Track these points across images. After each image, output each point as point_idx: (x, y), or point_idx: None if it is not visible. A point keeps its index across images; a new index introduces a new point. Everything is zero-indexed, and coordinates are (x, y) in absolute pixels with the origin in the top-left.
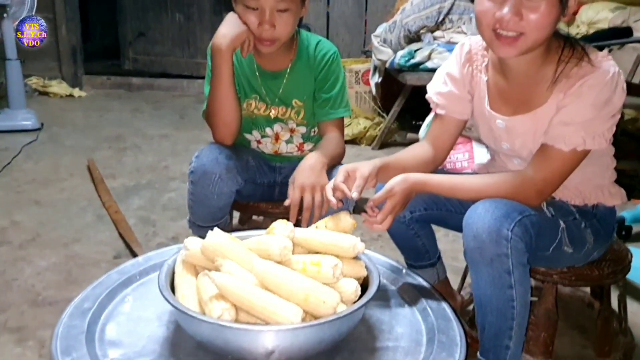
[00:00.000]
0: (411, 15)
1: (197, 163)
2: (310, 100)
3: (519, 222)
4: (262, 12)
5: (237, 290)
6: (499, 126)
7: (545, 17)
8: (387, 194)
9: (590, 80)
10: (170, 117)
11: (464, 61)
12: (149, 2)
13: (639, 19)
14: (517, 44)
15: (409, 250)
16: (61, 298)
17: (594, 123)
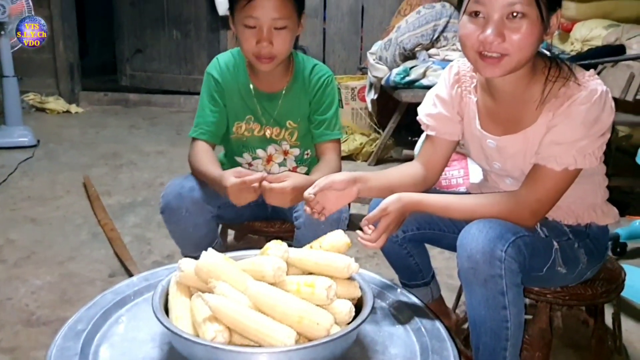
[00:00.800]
0: (406, 33)
1: (163, 202)
2: (304, 122)
3: (512, 243)
4: (260, 30)
5: (231, 312)
6: (490, 146)
7: (528, 37)
8: (382, 213)
9: (578, 99)
10: (166, 133)
11: (453, 82)
12: (146, 20)
13: (632, 37)
14: (501, 64)
15: (402, 270)
16: (55, 318)
17: (585, 142)
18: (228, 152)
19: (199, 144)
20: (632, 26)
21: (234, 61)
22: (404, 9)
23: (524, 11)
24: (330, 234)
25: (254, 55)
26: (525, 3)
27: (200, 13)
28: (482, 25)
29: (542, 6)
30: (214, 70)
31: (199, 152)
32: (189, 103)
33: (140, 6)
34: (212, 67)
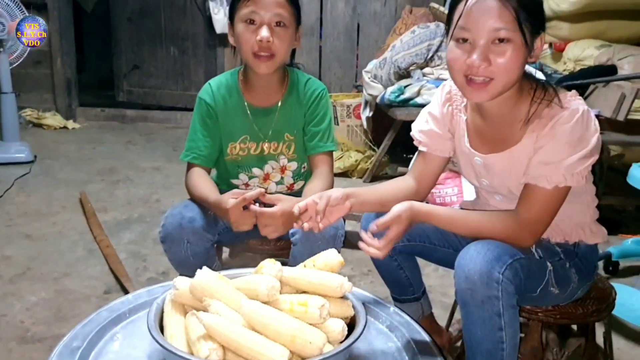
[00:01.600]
0: (401, 53)
1: (164, 232)
2: (301, 134)
3: (510, 265)
4: (260, 24)
5: (225, 330)
6: (477, 163)
7: (513, 60)
8: (395, 220)
9: (561, 119)
10: (162, 149)
11: (444, 101)
12: (144, 36)
13: (623, 57)
14: (488, 88)
15: (393, 283)
16: (50, 334)
17: (571, 160)
18: (223, 175)
19: (195, 168)
20: (624, 46)
21: (226, 83)
22: (399, 28)
23: (508, 36)
24: (324, 253)
25: (253, 54)
26: (510, 29)
27: (198, 30)
28: (469, 50)
29: (526, 31)
30: (206, 95)
31: (195, 177)
32: (185, 119)
33: (137, 23)
34: (204, 92)
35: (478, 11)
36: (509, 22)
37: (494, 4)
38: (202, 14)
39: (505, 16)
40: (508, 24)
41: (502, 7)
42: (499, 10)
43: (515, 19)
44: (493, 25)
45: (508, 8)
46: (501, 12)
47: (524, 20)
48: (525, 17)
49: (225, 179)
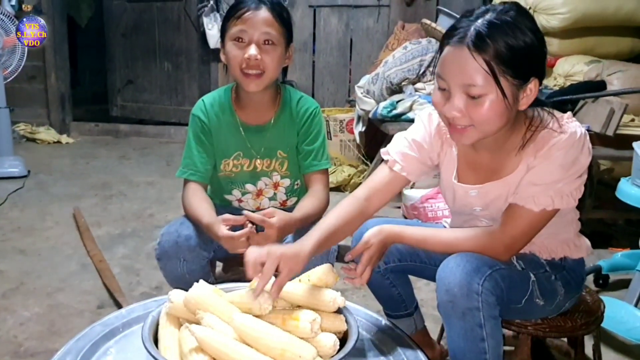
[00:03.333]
0: (393, 68)
1: (160, 250)
2: (293, 152)
3: (489, 276)
4: (249, 42)
5: (216, 343)
6: (471, 195)
7: (490, 113)
8: (364, 246)
9: (559, 143)
10: (156, 164)
11: (435, 134)
12: (138, 51)
13: (612, 73)
14: (468, 134)
15: (385, 300)
16: (44, 349)
17: (562, 183)
18: (216, 190)
19: (192, 185)
20: (613, 62)
21: (219, 99)
22: (392, 44)
23: (481, 93)
24: (319, 268)
25: (242, 71)
26: (483, 86)
27: (192, 45)
28: (447, 97)
29: (505, 84)
30: (199, 111)
31: (192, 195)
32: (179, 134)
33: (131, 38)
34: (197, 109)
35: (451, 63)
36: (482, 79)
37: (466, 58)
38: (196, 29)
39: (479, 73)
40: (481, 80)
41: (475, 62)
42: (471, 65)
43: (489, 74)
44: (464, 81)
45: (481, 63)
46: (475, 68)
47: (502, 74)
48: (503, 70)
49: (219, 194)
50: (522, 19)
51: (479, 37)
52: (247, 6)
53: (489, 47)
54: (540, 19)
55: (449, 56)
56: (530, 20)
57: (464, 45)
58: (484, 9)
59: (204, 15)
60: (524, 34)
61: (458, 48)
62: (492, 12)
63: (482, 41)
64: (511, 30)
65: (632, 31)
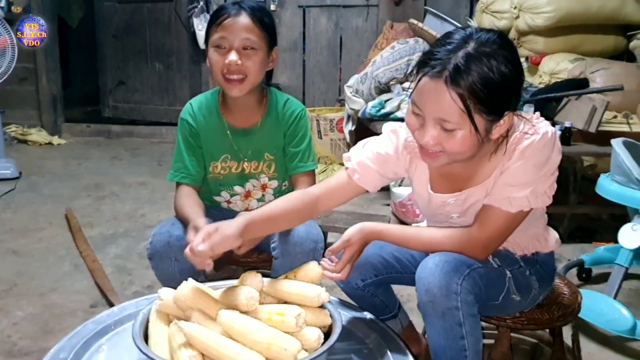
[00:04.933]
0: (381, 68)
1: (151, 249)
2: (281, 154)
3: (467, 275)
4: (229, 49)
5: (204, 339)
6: (450, 203)
7: (462, 145)
8: (345, 244)
9: (532, 144)
10: (148, 164)
11: (402, 149)
12: (129, 52)
13: (595, 71)
14: (439, 159)
15: (369, 308)
16: (37, 348)
17: (537, 183)
18: (205, 192)
19: (184, 188)
20: (596, 60)
21: (206, 102)
22: (381, 43)
23: (455, 127)
24: (305, 265)
25: (224, 77)
26: (456, 121)
27: (182, 45)
28: (421, 124)
29: (479, 119)
30: (187, 115)
31: (184, 198)
32: (170, 134)
33: (123, 39)
34: (185, 112)
35: (427, 95)
36: (456, 114)
37: (443, 93)
38: (187, 30)
39: (453, 108)
40: (455, 115)
41: (450, 99)
42: (447, 101)
43: (463, 111)
44: (438, 114)
45: (456, 100)
46: (449, 104)
47: (476, 110)
48: (477, 107)
49: (208, 196)
50: (502, 52)
51: (457, 72)
52: (227, 13)
53: (465, 84)
54: (525, 18)
55: (426, 87)
56: (512, 51)
57: (442, 80)
58: (466, 35)
59: (194, 16)
60: (503, 67)
61: (435, 81)
62: (474, 41)
63: (459, 77)
64: (490, 65)
65: (615, 29)
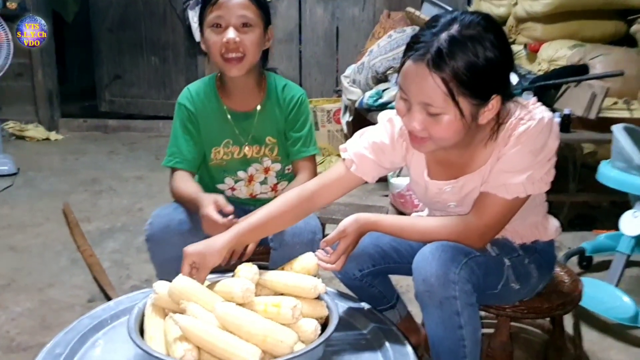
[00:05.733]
0: (378, 57)
1: (150, 231)
2: (282, 138)
3: (465, 264)
4: (226, 27)
5: (199, 332)
6: (446, 191)
7: (447, 130)
8: (340, 235)
9: (528, 130)
10: (145, 159)
11: (398, 137)
12: (125, 46)
13: (594, 57)
14: (425, 144)
15: (367, 299)
16: (35, 343)
17: (533, 169)
18: (207, 181)
19: (179, 173)
20: (595, 46)
21: (204, 88)
22: (378, 32)
23: (439, 112)
24: (301, 257)
25: (222, 57)
26: (440, 105)
27: (178, 39)
28: (408, 108)
29: (464, 103)
30: (185, 100)
31: (180, 180)
32: (168, 127)
33: (118, 33)
34: (183, 97)
35: (411, 79)
36: (439, 98)
37: (425, 76)
38: (182, 23)
39: (436, 92)
40: (438, 99)
41: (433, 82)
42: (429, 84)
43: (447, 94)
44: (422, 98)
45: (439, 84)
46: (432, 87)
47: (461, 95)
48: (462, 91)
49: (210, 186)
50: (487, 34)
51: (439, 55)
52: None
53: (447, 67)
54: (523, 4)
55: (409, 71)
56: (498, 34)
57: (424, 63)
58: (451, 18)
59: (189, 9)
60: (488, 51)
61: (418, 64)
62: (457, 24)
63: (441, 60)
64: (473, 47)
65: (615, 14)
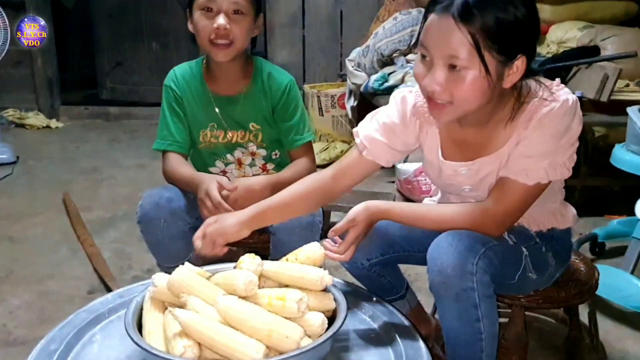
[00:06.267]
0: (383, 40)
1: (141, 212)
2: (267, 125)
3: (483, 254)
4: (217, 12)
5: (200, 327)
6: (461, 173)
7: (472, 89)
8: (350, 224)
9: (551, 112)
10: (147, 147)
11: (411, 115)
12: (125, 32)
13: (606, 38)
14: (446, 111)
15: (376, 289)
16: (33, 337)
17: (555, 153)
18: (199, 165)
19: (172, 155)
20: (606, 27)
21: (190, 71)
22: (383, 15)
23: (465, 66)
24: (306, 246)
25: (210, 42)
26: (466, 59)
27: (179, 24)
28: (429, 68)
29: (490, 59)
30: (171, 81)
31: (173, 162)
32: None
33: (118, 19)
34: (168, 79)
35: (435, 33)
36: (465, 51)
37: (451, 28)
38: (183, 8)
39: (462, 44)
40: (464, 53)
41: (459, 33)
42: (455, 36)
43: (473, 48)
44: (447, 52)
45: (466, 35)
46: (458, 39)
47: (487, 48)
48: (488, 44)
49: (203, 170)
50: None
51: (465, 7)
52: None
53: (475, 19)
54: None
55: (433, 25)
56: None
57: (449, 15)
58: None
59: None
60: (516, 7)
61: (443, 17)
62: None
63: (468, 12)
64: (502, 1)
65: None
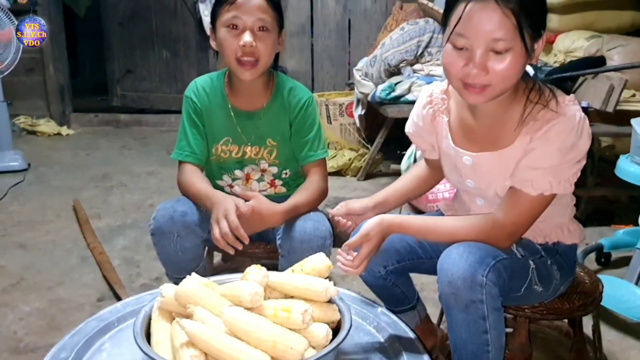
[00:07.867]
0: (391, 50)
1: (154, 225)
2: (283, 141)
3: (493, 267)
4: (243, 29)
5: (206, 337)
6: (466, 163)
7: (512, 68)
8: (364, 238)
9: (557, 125)
10: (157, 154)
11: (425, 104)
12: (136, 40)
13: (612, 48)
14: (485, 93)
15: (388, 299)
16: (43, 344)
17: (560, 168)
18: (209, 176)
19: (188, 167)
20: (613, 37)
21: (211, 83)
22: (390, 25)
23: (508, 47)
24: (312, 257)
25: (237, 60)
26: (509, 39)
27: (189, 32)
28: (466, 57)
29: (527, 37)
30: (192, 92)
31: (189, 174)
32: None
33: (129, 26)
34: (189, 90)
35: (477, 18)
36: (509, 32)
37: (494, 11)
38: (193, 16)
39: (506, 25)
40: (508, 33)
41: (503, 16)
42: (499, 19)
43: (516, 28)
44: (492, 35)
45: (509, 16)
46: (502, 21)
47: (526, 27)
48: (527, 22)
49: (211, 181)
50: None
51: None
52: None
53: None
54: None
55: (474, 11)
56: None
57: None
58: None
59: (200, 2)
60: None
61: (483, 2)
62: None
63: None
64: None
65: (633, 4)
